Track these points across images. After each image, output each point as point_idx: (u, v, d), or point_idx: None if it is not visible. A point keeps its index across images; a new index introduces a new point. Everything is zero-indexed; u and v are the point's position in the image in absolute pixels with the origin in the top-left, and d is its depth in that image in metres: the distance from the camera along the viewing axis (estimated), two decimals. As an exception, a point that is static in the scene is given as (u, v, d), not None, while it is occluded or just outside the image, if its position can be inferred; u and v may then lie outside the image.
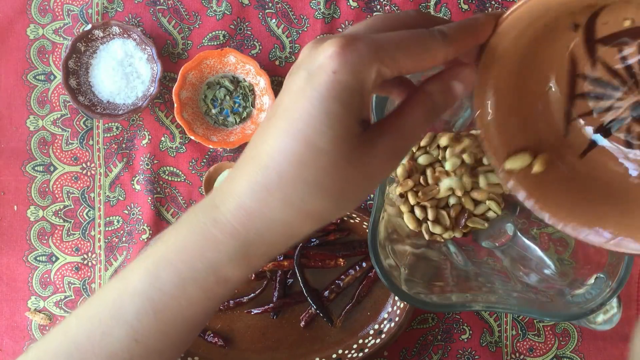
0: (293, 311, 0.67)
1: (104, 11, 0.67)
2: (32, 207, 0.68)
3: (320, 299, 0.66)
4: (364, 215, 0.64)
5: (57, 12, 0.67)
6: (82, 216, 0.68)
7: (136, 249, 0.67)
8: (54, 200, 0.68)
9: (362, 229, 0.67)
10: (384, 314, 0.66)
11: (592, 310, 0.49)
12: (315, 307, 0.66)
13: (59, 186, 0.68)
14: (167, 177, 0.68)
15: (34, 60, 0.68)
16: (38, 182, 0.68)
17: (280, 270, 0.67)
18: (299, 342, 0.67)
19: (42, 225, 0.68)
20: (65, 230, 0.68)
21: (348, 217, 0.66)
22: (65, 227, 0.68)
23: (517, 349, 0.66)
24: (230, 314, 0.67)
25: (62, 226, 0.68)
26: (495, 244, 0.60)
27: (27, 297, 0.68)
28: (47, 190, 0.68)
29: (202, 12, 0.67)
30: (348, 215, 0.65)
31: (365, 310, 0.67)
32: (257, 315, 0.67)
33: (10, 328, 0.68)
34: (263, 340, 0.67)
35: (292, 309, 0.67)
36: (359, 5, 0.66)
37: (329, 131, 0.29)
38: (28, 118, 0.68)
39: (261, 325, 0.67)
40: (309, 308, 0.67)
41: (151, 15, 0.67)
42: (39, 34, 0.67)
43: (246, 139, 0.65)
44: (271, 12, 0.67)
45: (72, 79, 0.66)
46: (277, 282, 0.67)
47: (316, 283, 0.67)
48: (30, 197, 0.68)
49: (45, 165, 0.68)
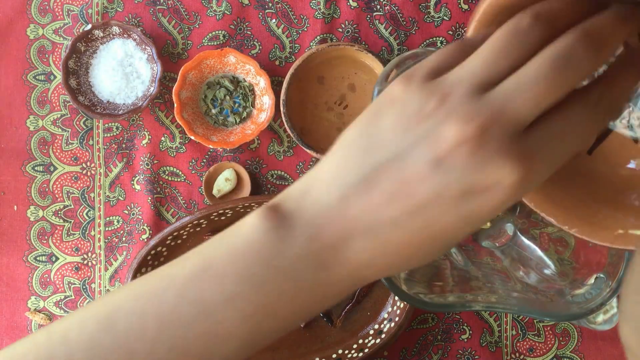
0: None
1: (104, 11, 0.67)
2: (32, 207, 0.68)
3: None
4: None
5: (57, 12, 0.67)
6: (82, 216, 0.68)
7: (136, 249, 0.67)
8: (54, 200, 0.68)
9: None
10: (383, 314, 0.66)
11: (592, 310, 0.49)
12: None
13: (59, 186, 0.68)
14: (167, 177, 0.68)
15: (33, 60, 0.68)
16: (38, 182, 0.68)
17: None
18: (298, 341, 0.67)
19: (42, 225, 0.68)
20: (65, 230, 0.68)
21: None
22: (65, 227, 0.68)
23: (517, 349, 0.66)
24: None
25: (62, 226, 0.68)
26: (495, 244, 0.60)
27: (27, 297, 0.68)
28: (47, 190, 0.68)
29: (202, 12, 0.67)
30: None
31: (365, 310, 0.67)
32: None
33: (10, 328, 0.68)
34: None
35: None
36: (359, 5, 0.66)
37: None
38: (28, 118, 0.68)
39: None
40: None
41: (151, 15, 0.67)
42: (38, 34, 0.67)
43: (246, 139, 0.65)
44: (271, 12, 0.67)
45: (72, 79, 0.66)
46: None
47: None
48: (30, 197, 0.68)
49: (45, 165, 0.68)
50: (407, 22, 0.66)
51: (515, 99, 0.26)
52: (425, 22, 0.66)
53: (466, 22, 0.65)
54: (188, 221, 0.64)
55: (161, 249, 0.65)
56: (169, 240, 0.65)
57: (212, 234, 0.66)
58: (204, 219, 0.64)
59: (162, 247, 0.65)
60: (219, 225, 0.66)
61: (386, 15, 0.66)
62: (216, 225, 0.66)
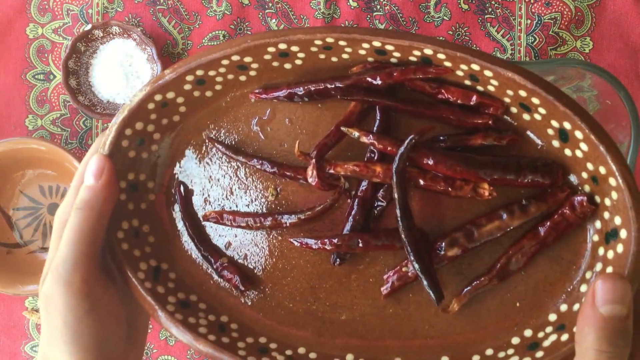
0: (374, 261, 0.40)
1: (104, 11, 0.67)
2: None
3: (429, 252, 0.37)
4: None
5: (57, 12, 0.67)
6: (81, 216, 0.68)
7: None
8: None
9: (533, 147, 0.38)
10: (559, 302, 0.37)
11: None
12: (418, 267, 0.36)
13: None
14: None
15: (33, 60, 0.67)
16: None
17: (367, 182, 0.39)
18: (373, 321, 0.40)
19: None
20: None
21: (526, 107, 0.36)
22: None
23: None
24: (262, 239, 0.41)
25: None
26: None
27: (24, 296, 0.67)
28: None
29: (202, 12, 0.67)
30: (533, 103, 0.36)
31: (519, 291, 0.38)
32: (307, 252, 0.40)
33: (8, 327, 0.67)
34: (309, 301, 0.40)
35: (374, 258, 0.40)
36: (359, 5, 0.66)
37: None
38: (27, 117, 0.67)
39: (312, 271, 0.40)
40: (402, 263, 0.39)
41: (151, 15, 0.67)
42: (38, 34, 0.67)
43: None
44: (271, 12, 0.67)
45: (72, 79, 0.66)
46: (355, 201, 0.40)
47: (429, 221, 0.39)
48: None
49: (44, 164, 0.68)
50: (407, 22, 0.66)
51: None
52: (425, 22, 0.66)
53: (466, 22, 0.66)
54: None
55: (174, 97, 0.40)
56: (187, 85, 0.40)
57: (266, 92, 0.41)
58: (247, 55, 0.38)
59: (175, 95, 0.40)
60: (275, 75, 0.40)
61: (386, 15, 0.66)
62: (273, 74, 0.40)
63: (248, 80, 0.40)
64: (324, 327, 0.40)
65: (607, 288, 0.31)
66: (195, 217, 0.43)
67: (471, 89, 0.37)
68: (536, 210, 0.37)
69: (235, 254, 0.42)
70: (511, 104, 0.37)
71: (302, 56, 0.38)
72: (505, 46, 0.65)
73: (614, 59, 0.65)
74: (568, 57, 0.65)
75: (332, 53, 0.38)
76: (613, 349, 0.31)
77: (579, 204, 0.36)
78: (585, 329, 0.31)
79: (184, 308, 0.39)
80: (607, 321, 0.31)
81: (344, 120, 0.40)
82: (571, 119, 0.34)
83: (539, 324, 0.37)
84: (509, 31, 0.65)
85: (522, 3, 0.65)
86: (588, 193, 0.36)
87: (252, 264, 0.41)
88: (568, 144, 0.36)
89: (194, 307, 0.40)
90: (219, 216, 0.42)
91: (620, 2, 0.65)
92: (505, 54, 0.65)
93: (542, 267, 0.38)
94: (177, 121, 0.42)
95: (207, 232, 0.43)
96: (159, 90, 0.39)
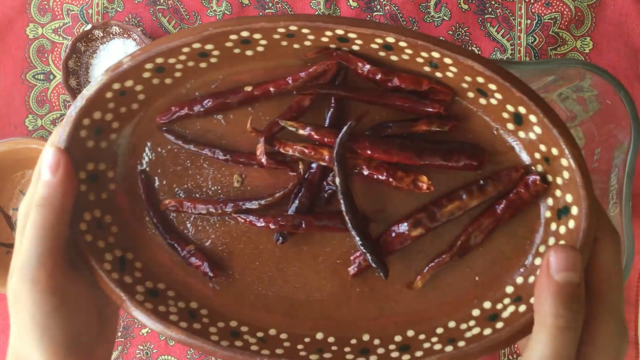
0: (340, 243, 0.41)
1: (104, 11, 0.67)
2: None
3: (367, 230, 0.39)
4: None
5: (57, 12, 0.67)
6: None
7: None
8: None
9: (489, 130, 0.39)
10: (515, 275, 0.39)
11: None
12: (362, 244, 0.38)
13: (57, 186, 0.68)
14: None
15: (33, 60, 0.67)
16: (37, 182, 0.68)
17: (316, 165, 0.40)
18: (341, 300, 0.41)
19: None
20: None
21: (483, 92, 0.37)
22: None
23: (515, 350, 0.66)
24: (228, 225, 0.42)
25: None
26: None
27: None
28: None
29: (202, 12, 0.67)
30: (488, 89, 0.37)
31: (478, 266, 0.40)
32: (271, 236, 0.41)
33: (8, 327, 0.67)
34: (278, 284, 0.41)
35: (340, 240, 0.41)
36: (359, 5, 0.66)
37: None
38: (27, 117, 0.67)
39: (279, 255, 0.41)
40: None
41: (151, 15, 0.67)
42: (38, 34, 0.67)
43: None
44: (271, 12, 0.67)
45: (72, 79, 0.66)
46: (303, 182, 0.40)
47: (372, 205, 0.40)
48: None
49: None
50: (407, 22, 0.66)
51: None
52: (425, 22, 0.66)
53: (466, 22, 0.66)
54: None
55: (133, 85, 0.39)
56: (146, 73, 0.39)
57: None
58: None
59: (133, 83, 0.39)
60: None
61: (386, 15, 0.66)
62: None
63: (209, 67, 0.40)
64: (293, 308, 0.41)
65: (560, 257, 0.33)
66: (159, 206, 0.42)
67: (422, 75, 0.39)
68: (493, 190, 0.39)
69: (201, 241, 0.42)
70: (469, 89, 0.38)
71: (264, 43, 0.38)
72: (505, 46, 0.65)
73: (614, 59, 0.65)
74: (568, 57, 0.65)
75: (295, 40, 0.38)
76: (569, 312, 0.33)
77: (532, 183, 0.38)
78: (542, 297, 0.33)
79: (153, 297, 0.39)
80: (562, 287, 0.33)
81: (292, 110, 0.40)
82: (526, 103, 0.36)
83: (497, 297, 0.39)
84: (509, 31, 0.65)
85: (522, 3, 0.65)
86: (541, 172, 0.38)
87: (220, 250, 0.42)
88: (522, 127, 0.38)
89: (163, 295, 0.40)
90: (179, 204, 0.41)
91: (620, 2, 0.65)
92: (505, 54, 0.65)
93: (499, 242, 0.40)
94: (136, 109, 0.41)
95: (172, 220, 0.42)
96: (117, 78, 0.38)
